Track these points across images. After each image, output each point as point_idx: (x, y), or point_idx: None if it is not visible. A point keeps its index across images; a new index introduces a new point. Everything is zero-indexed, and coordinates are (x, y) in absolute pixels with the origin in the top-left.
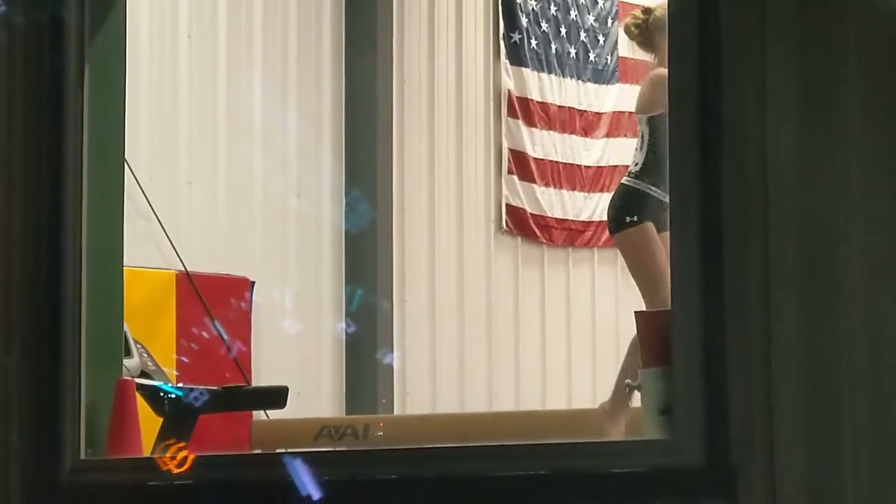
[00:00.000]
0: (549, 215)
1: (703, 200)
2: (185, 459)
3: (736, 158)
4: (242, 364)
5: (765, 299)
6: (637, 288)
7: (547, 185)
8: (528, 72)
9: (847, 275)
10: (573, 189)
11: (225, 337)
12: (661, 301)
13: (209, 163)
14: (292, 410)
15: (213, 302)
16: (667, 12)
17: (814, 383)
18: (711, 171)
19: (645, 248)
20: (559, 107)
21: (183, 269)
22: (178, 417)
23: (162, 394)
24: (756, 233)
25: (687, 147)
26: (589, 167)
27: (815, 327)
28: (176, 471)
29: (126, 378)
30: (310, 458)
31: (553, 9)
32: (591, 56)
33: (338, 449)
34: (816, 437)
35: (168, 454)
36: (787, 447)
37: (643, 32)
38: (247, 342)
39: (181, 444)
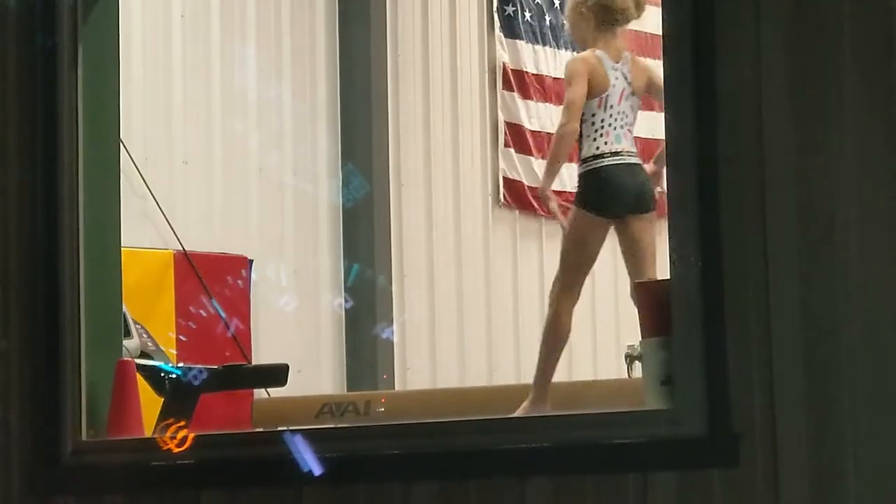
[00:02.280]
0: None
1: (700, 170)
2: (186, 439)
3: (732, 127)
4: (242, 342)
5: (763, 267)
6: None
7: (544, 157)
8: (522, 44)
9: (846, 241)
10: (570, 161)
11: (224, 316)
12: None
13: (204, 141)
14: (293, 388)
15: (212, 281)
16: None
17: (813, 350)
18: (708, 140)
19: None
20: (555, 79)
21: (180, 248)
22: (179, 397)
23: (162, 374)
24: (753, 200)
25: (683, 119)
26: None
27: (814, 294)
28: (177, 450)
29: (126, 359)
30: (312, 436)
31: None
32: None
33: (340, 426)
34: (817, 403)
35: (169, 434)
36: (788, 414)
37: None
38: (246, 320)
39: (182, 424)
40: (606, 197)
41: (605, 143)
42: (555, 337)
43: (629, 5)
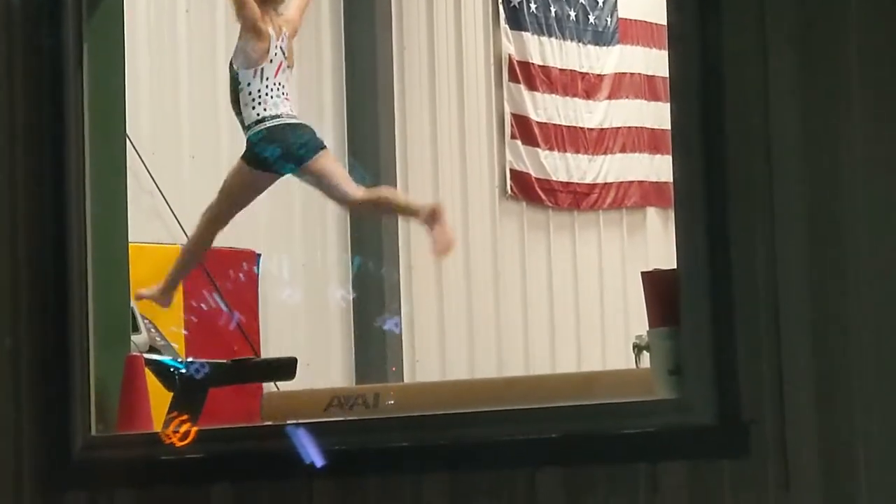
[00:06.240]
0: (554, 179)
1: (707, 158)
2: (196, 433)
3: (739, 115)
4: (250, 336)
5: (771, 255)
6: None
7: (551, 148)
8: (528, 35)
9: (854, 228)
10: (577, 152)
11: (232, 310)
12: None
13: (211, 136)
14: (302, 381)
15: (220, 275)
16: None
17: (822, 337)
18: (715, 128)
19: None
20: (561, 70)
21: None
22: (188, 391)
23: (171, 368)
24: (761, 188)
25: (689, 110)
26: (592, 129)
27: (822, 281)
28: (187, 445)
29: (135, 354)
30: (321, 428)
31: None
32: (591, 18)
33: (349, 418)
34: (826, 391)
35: (179, 428)
36: (798, 402)
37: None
38: (254, 314)
39: (192, 418)
40: (272, 156)
41: (265, 109)
42: (196, 249)
43: None
